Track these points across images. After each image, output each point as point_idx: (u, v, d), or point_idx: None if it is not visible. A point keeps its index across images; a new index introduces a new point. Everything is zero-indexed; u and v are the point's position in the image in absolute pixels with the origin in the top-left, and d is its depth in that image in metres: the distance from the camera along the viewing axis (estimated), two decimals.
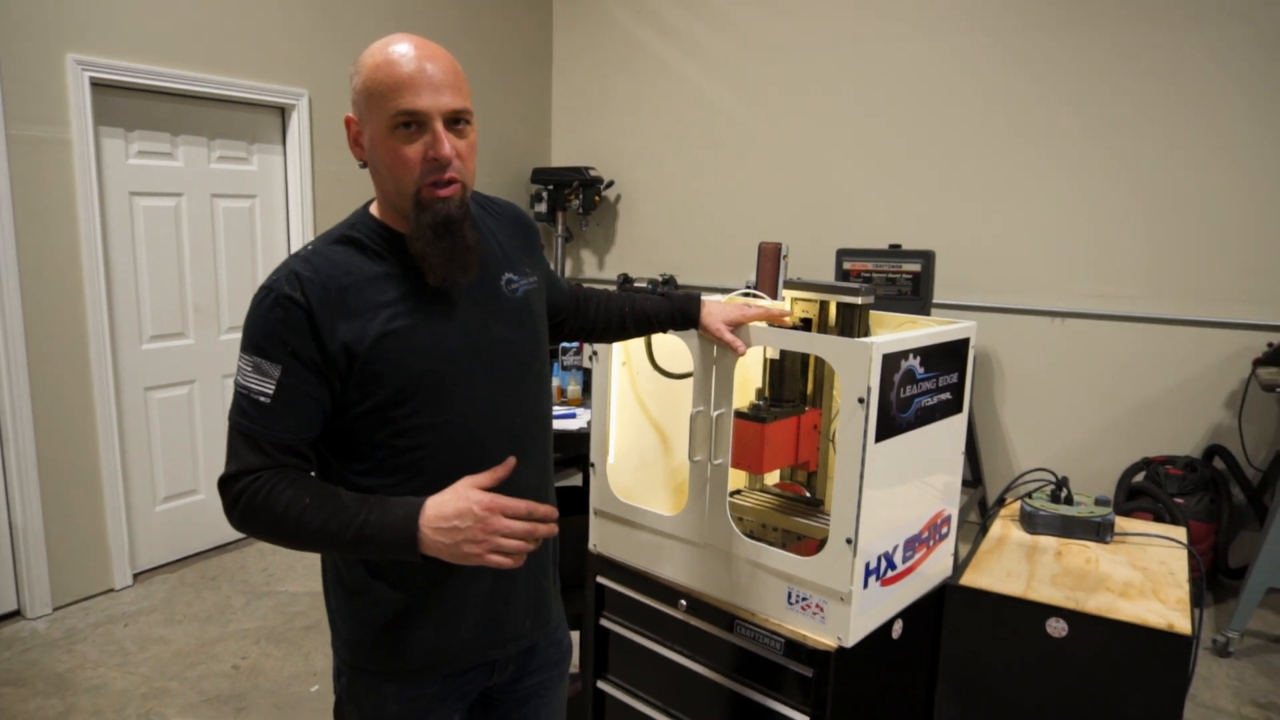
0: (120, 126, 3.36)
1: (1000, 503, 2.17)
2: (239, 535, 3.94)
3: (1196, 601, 1.69)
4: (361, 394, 1.14)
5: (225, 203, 3.75)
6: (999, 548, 1.89)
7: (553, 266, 5.28)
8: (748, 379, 1.83)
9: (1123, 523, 2.04)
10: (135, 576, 3.54)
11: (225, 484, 1.12)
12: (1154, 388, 3.81)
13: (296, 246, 3.98)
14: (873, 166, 4.38)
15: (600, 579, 1.83)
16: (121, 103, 3.34)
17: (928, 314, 3.70)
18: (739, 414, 1.62)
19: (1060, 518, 1.96)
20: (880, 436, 1.39)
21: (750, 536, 1.66)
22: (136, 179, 3.43)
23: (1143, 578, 1.75)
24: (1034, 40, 3.89)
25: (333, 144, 4.07)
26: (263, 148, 3.88)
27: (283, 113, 3.91)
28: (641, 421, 1.91)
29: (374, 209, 1.23)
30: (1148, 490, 3.53)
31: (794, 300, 1.81)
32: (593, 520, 1.83)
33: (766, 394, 1.74)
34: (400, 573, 1.21)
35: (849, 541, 1.38)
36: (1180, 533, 2.02)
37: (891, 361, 1.38)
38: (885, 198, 4.36)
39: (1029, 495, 2.05)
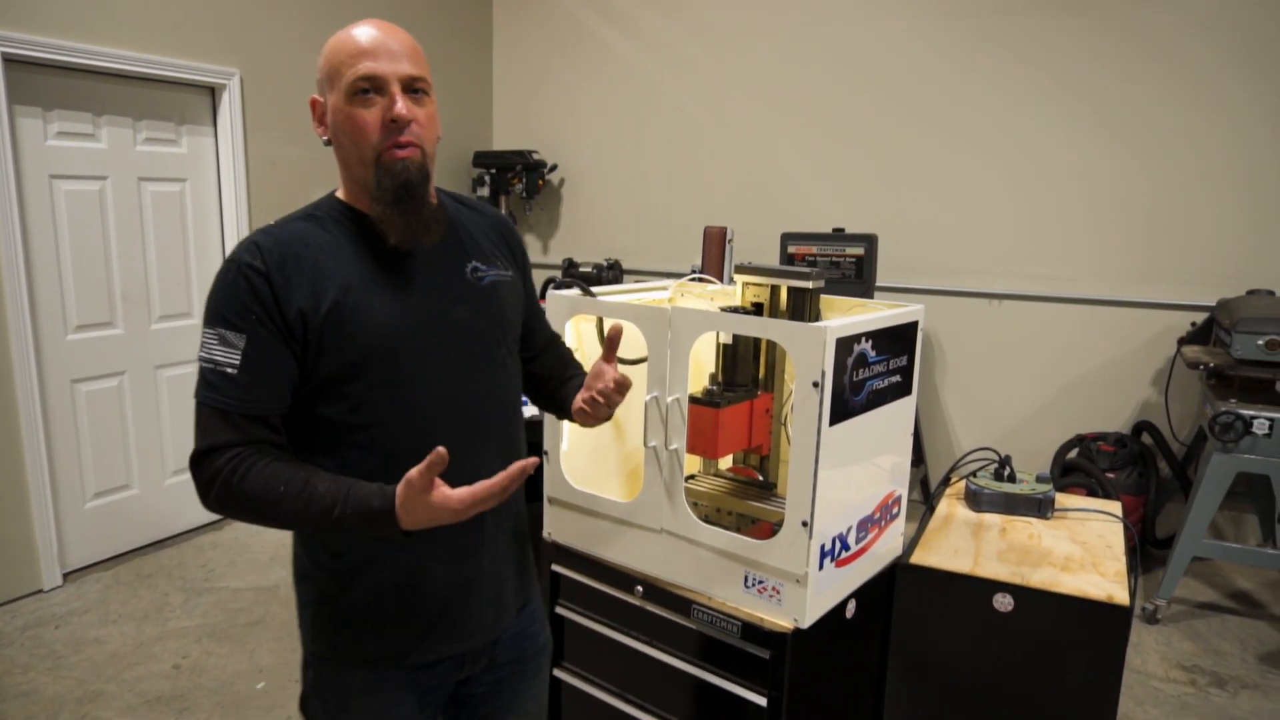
0: (38, 105, 3.19)
1: (946, 482, 2.21)
2: (175, 530, 3.82)
3: (1131, 572, 1.75)
4: (314, 365, 1.13)
5: (153, 186, 3.60)
6: (946, 526, 1.94)
7: None
8: (701, 364, 1.83)
9: (1062, 499, 2.10)
10: (65, 576, 3.40)
11: (199, 461, 1.10)
12: (1086, 367, 3.94)
13: (230, 231, 3.86)
14: (816, 150, 4.42)
15: (555, 567, 1.82)
16: (39, 80, 3.18)
17: (871, 297, 3.76)
18: (693, 399, 1.61)
19: (1004, 495, 2.01)
20: (834, 420, 1.40)
21: (705, 521, 1.66)
22: (57, 161, 3.27)
23: (1083, 551, 1.80)
24: (969, 25, 3.96)
25: (266, 125, 3.94)
26: (192, 129, 3.73)
27: (213, 93, 3.77)
28: None
29: (338, 193, 1.24)
30: (1081, 466, 3.65)
31: (745, 285, 1.81)
32: (547, 508, 1.81)
33: (720, 379, 1.75)
34: (364, 561, 1.20)
35: (805, 524, 1.39)
36: (1116, 507, 2.09)
37: (845, 345, 1.39)
38: (829, 182, 4.41)
39: (974, 474, 2.10)
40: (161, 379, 3.70)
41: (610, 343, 1.30)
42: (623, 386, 1.29)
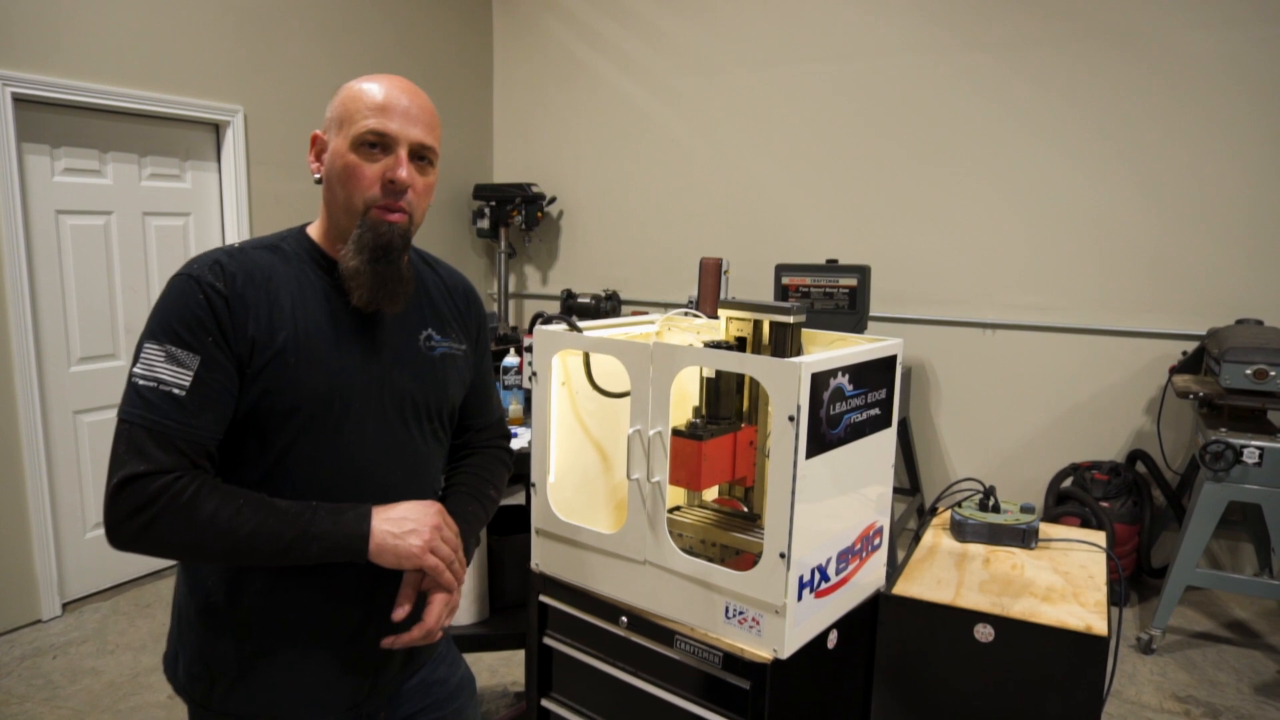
0: (46, 143, 3.27)
1: (932, 512, 2.24)
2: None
3: (1117, 602, 1.77)
4: (249, 402, 1.11)
5: (158, 221, 3.68)
6: (930, 556, 1.96)
7: (495, 285, 5.28)
8: (685, 397, 1.87)
9: (1047, 529, 2.12)
10: (64, 606, 3.43)
11: (131, 485, 1.02)
12: (1080, 396, 3.97)
13: None
14: (810, 182, 4.48)
15: (542, 597, 1.84)
16: (47, 118, 3.26)
17: (864, 327, 3.80)
18: (676, 432, 1.65)
19: (988, 525, 2.03)
20: (811, 453, 1.43)
21: (690, 552, 1.69)
22: (63, 197, 3.34)
23: (1064, 582, 1.82)
24: (960, 59, 4.04)
25: (269, 161, 4.02)
26: (196, 165, 3.81)
27: (217, 129, 3.86)
28: (582, 440, 1.93)
29: (310, 230, 1.23)
30: (1075, 495, 3.67)
31: (729, 319, 1.85)
32: (534, 539, 1.84)
33: (703, 411, 1.78)
34: (254, 609, 1.17)
35: (782, 556, 1.42)
36: (1100, 537, 2.10)
37: (821, 380, 1.43)
38: (822, 213, 4.46)
39: (959, 504, 2.12)
40: None
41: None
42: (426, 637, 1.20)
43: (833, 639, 1.63)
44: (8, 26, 3.06)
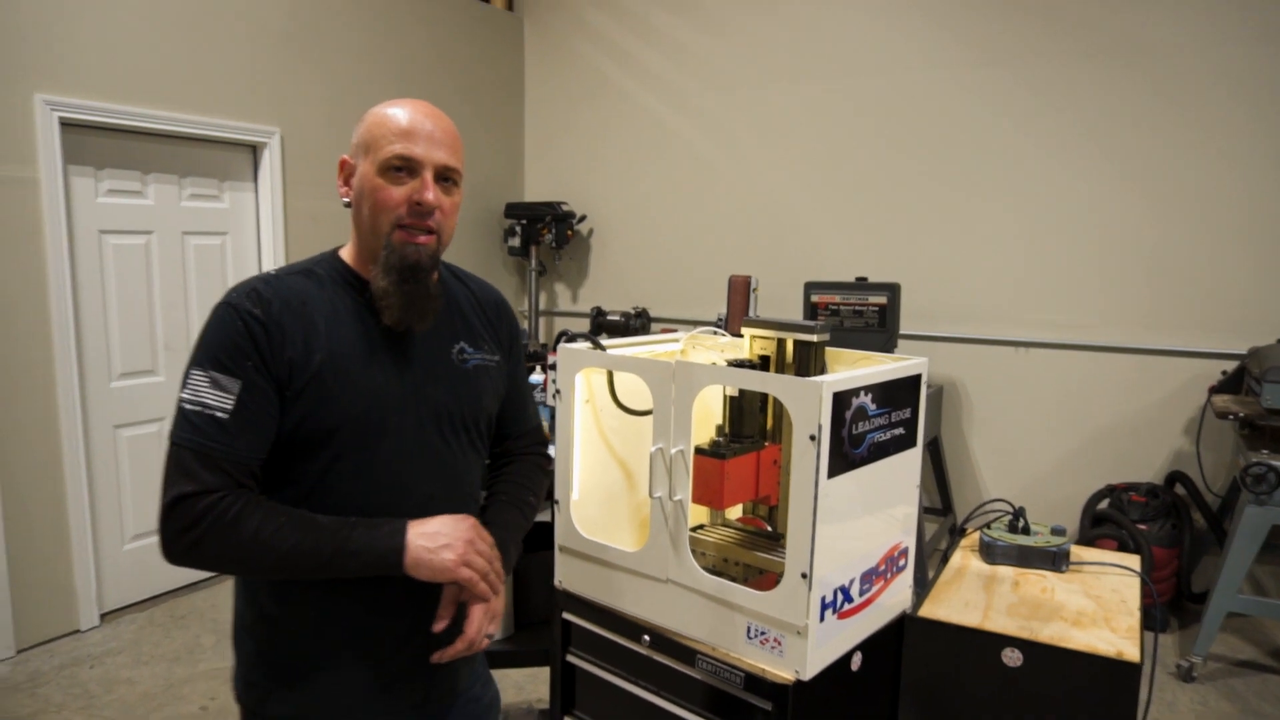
0: (90, 165, 3.37)
1: (961, 533, 2.21)
2: (209, 574, 3.90)
3: (1153, 628, 1.73)
4: (291, 422, 1.15)
5: (196, 240, 3.77)
6: (958, 578, 1.93)
7: (526, 303, 5.33)
8: (708, 415, 1.87)
9: (1078, 551, 2.08)
10: (102, 617, 3.49)
11: (181, 504, 1.07)
12: (1116, 415, 3.89)
13: None
14: (839, 200, 4.47)
15: (566, 615, 1.84)
16: (91, 142, 3.36)
17: (894, 345, 3.77)
18: (699, 450, 1.65)
19: (1017, 548, 2.00)
20: (833, 473, 1.43)
21: (713, 571, 1.68)
22: (106, 217, 3.44)
23: (1095, 606, 1.79)
24: (989, 75, 4.01)
25: (305, 181, 4.10)
26: (234, 185, 3.90)
27: (254, 151, 3.95)
28: (606, 458, 1.93)
29: (342, 252, 1.27)
30: (1112, 517, 3.59)
31: (753, 337, 1.85)
32: (557, 556, 1.84)
33: (726, 430, 1.78)
34: (307, 619, 1.21)
35: (804, 576, 1.41)
36: (1134, 560, 2.06)
37: (842, 399, 1.42)
38: (851, 231, 4.45)
39: (988, 525, 2.10)
40: None
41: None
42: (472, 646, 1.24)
43: (856, 661, 1.61)
44: (56, 54, 3.16)
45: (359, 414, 1.17)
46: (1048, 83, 3.89)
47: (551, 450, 1.64)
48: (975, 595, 1.83)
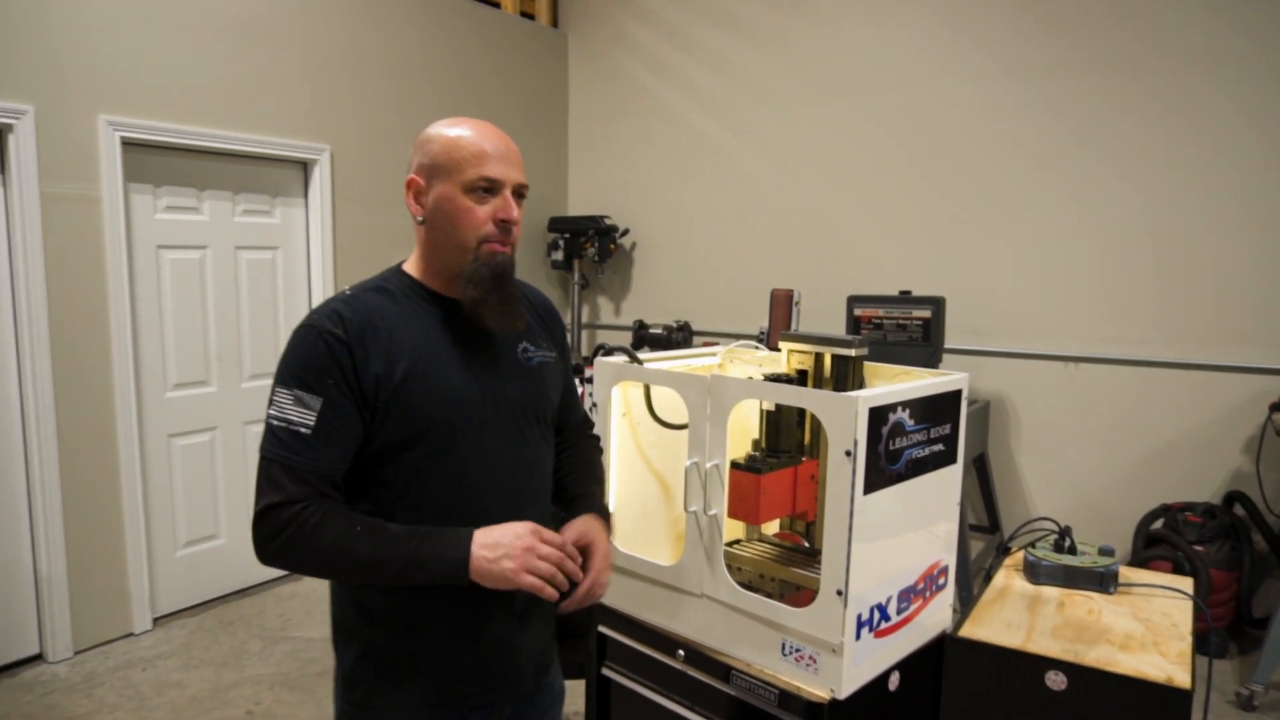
0: (149, 183, 3.49)
1: (1005, 552, 2.16)
2: (258, 580, 3.98)
3: (1206, 653, 1.67)
4: (380, 430, 1.22)
5: (248, 254, 3.87)
6: (1001, 598, 1.89)
7: (569, 316, 5.36)
8: (745, 430, 1.86)
9: (1128, 573, 2.03)
10: (155, 621, 3.59)
11: (269, 513, 1.17)
12: (1171, 433, 3.78)
13: (317, 294, 4.09)
14: (883, 212, 4.43)
15: (602, 628, 1.85)
16: (150, 160, 3.48)
17: (939, 360, 3.72)
18: (735, 465, 1.64)
19: (1063, 568, 1.95)
20: (869, 489, 1.41)
21: (748, 586, 1.67)
22: (164, 233, 3.55)
23: (1144, 629, 1.74)
24: (1040, 86, 3.95)
25: (353, 196, 4.19)
26: (285, 201, 4.00)
27: (305, 167, 4.05)
28: (642, 471, 1.94)
29: (407, 268, 1.34)
30: (1166, 538, 3.49)
31: (790, 351, 1.84)
32: None
33: (763, 444, 1.77)
34: (412, 617, 1.27)
35: (839, 593, 1.40)
36: (1187, 583, 2.00)
37: (879, 414, 1.41)
38: (895, 243, 4.40)
39: (1032, 545, 2.05)
40: (250, 434, 3.92)
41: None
42: (591, 598, 1.33)
43: (894, 681, 1.58)
44: (119, 76, 3.29)
45: (443, 417, 1.24)
46: (1100, 92, 3.82)
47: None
48: (1018, 616, 1.79)
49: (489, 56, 4.91)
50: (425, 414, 1.23)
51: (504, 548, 1.18)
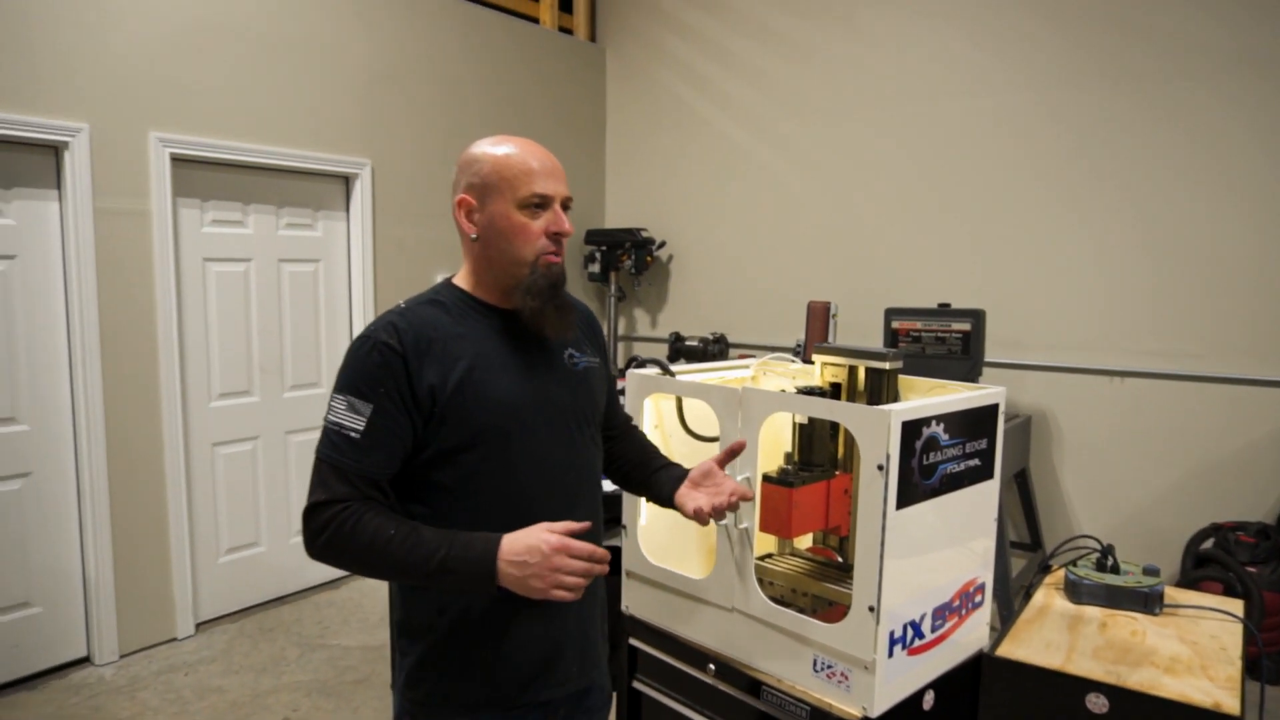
0: (197, 197, 3.58)
1: (1045, 570, 2.12)
2: (296, 588, 4.04)
3: (1258, 679, 1.62)
4: (436, 436, 1.27)
5: (291, 267, 3.94)
6: (1040, 617, 1.85)
7: (606, 328, 5.38)
8: (778, 443, 1.85)
9: (1174, 593, 1.97)
10: (197, 626, 3.65)
11: (314, 511, 1.23)
12: (1222, 449, 3.68)
13: (357, 305, 4.15)
14: (921, 224, 4.38)
15: (633, 641, 1.84)
16: (198, 175, 3.57)
17: (978, 374, 3.66)
18: (767, 478, 1.63)
19: (1105, 587, 1.90)
20: (902, 503, 1.39)
21: (780, 601, 1.66)
22: (210, 246, 3.64)
23: (1191, 653, 1.68)
24: (1083, 96, 3.88)
25: (393, 210, 4.26)
26: (327, 214, 4.08)
27: (346, 181, 4.12)
28: None
29: (458, 281, 1.39)
30: (1217, 558, 3.38)
31: (824, 364, 1.83)
32: (625, 582, 1.85)
33: (796, 458, 1.76)
34: (465, 617, 1.31)
35: (871, 609, 1.38)
36: (1238, 606, 1.94)
37: (912, 428, 1.39)
38: (934, 255, 4.35)
39: (1073, 563, 2.00)
40: (291, 444, 3.98)
41: (730, 454, 1.43)
42: (744, 498, 1.39)
43: (929, 700, 1.56)
44: (168, 94, 3.38)
45: (496, 422, 1.29)
46: (1146, 102, 3.74)
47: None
48: (1058, 636, 1.75)
49: (528, 71, 4.97)
50: (479, 420, 1.28)
51: (531, 567, 1.19)
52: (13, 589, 3.14)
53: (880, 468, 1.35)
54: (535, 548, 1.19)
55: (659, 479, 1.51)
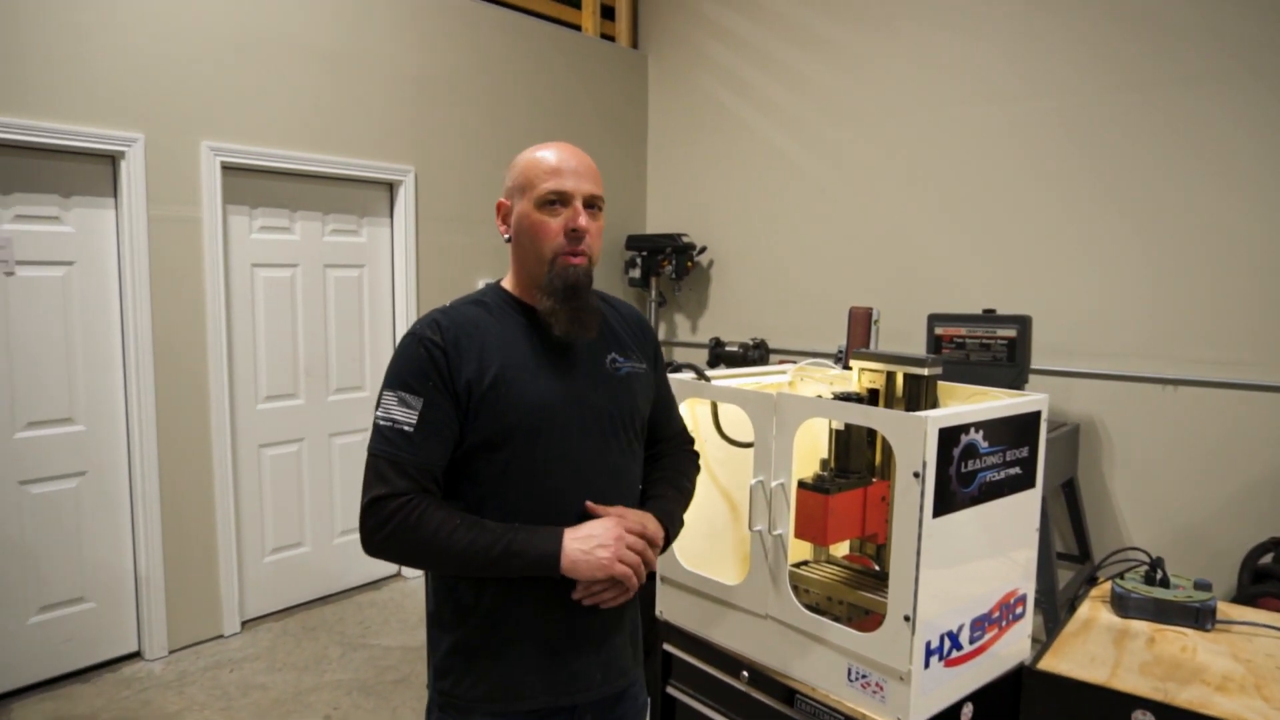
0: (245, 204, 3.66)
1: (1091, 582, 2.06)
2: (339, 588, 4.10)
3: None
4: (471, 431, 1.30)
5: (336, 272, 4.02)
6: (1085, 631, 1.80)
7: None
8: (814, 449, 1.83)
9: (1227, 609, 1.91)
10: (243, 624, 3.73)
11: (374, 506, 1.26)
12: None
13: (401, 310, 4.21)
14: (966, 228, 4.31)
15: (667, 646, 1.84)
16: (247, 183, 3.65)
17: (1025, 381, 3.58)
18: (802, 484, 1.61)
19: (1154, 601, 1.85)
20: (939, 512, 1.37)
21: (815, 609, 1.64)
22: (258, 252, 3.72)
23: (1245, 671, 1.63)
24: (1131, 99, 3.79)
25: (436, 216, 4.31)
26: (372, 221, 4.15)
27: (391, 188, 4.19)
28: (710, 489, 1.93)
29: (504, 283, 1.43)
30: (1276, 573, 3.27)
31: (861, 370, 1.81)
32: (659, 586, 1.84)
33: (832, 464, 1.74)
34: (493, 612, 1.33)
35: (907, 619, 1.36)
36: None
37: (950, 435, 1.37)
38: (978, 260, 4.28)
39: (1120, 576, 1.95)
40: (335, 446, 4.05)
41: None
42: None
43: (967, 713, 1.52)
44: (219, 104, 3.47)
45: (527, 420, 1.31)
46: (1195, 106, 3.64)
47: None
48: (1103, 650, 1.70)
49: (569, 78, 5.00)
50: (510, 417, 1.30)
51: (597, 538, 1.26)
52: (69, 584, 3.24)
53: (916, 475, 1.33)
54: (597, 524, 1.27)
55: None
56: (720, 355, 5.02)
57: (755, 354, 4.95)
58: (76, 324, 3.22)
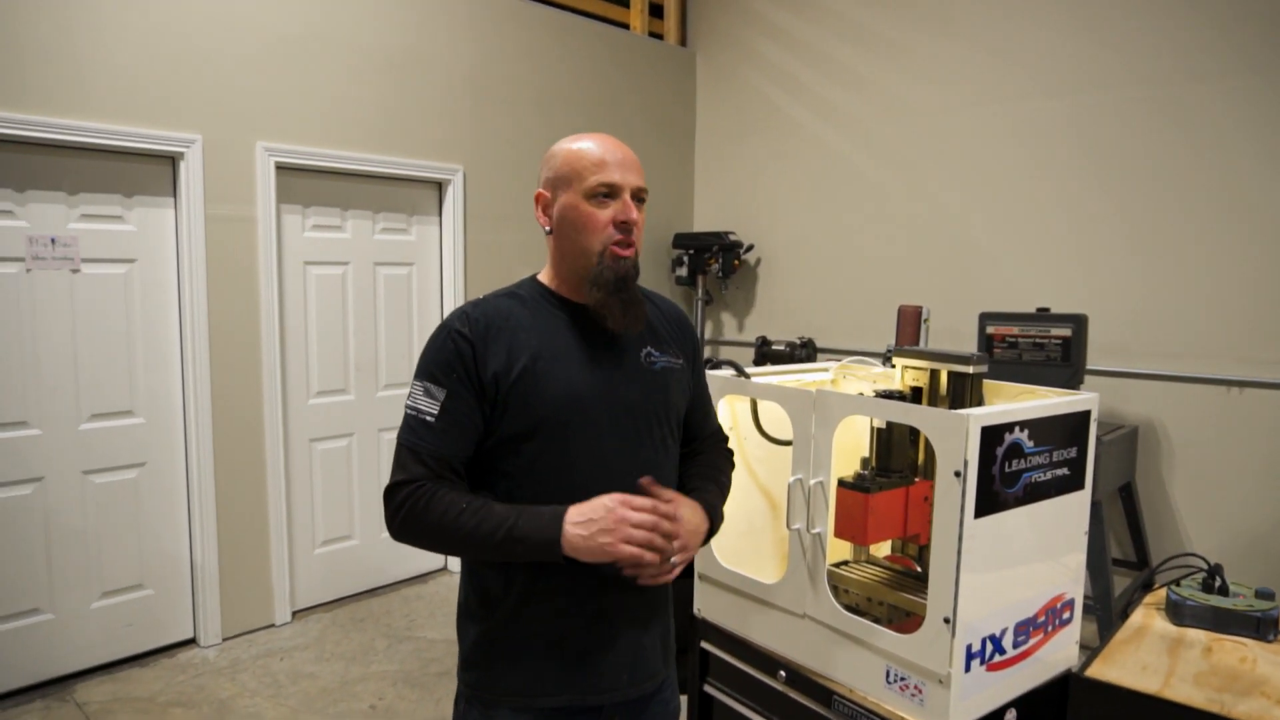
0: (299, 203, 3.75)
1: (1146, 588, 2.00)
2: (386, 581, 4.17)
3: None
4: (500, 423, 1.30)
5: (386, 270, 4.08)
6: (1137, 638, 1.74)
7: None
8: (855, 448, 1.80)
9: None
10: (294, 614, 3.81)
11: (391, 492, 1.28)
12: None
13: (449, 308, 4.26)
14: (1018, 226, 4.21)
15: (704, 644, 1.83)
16: (300, 182, 3.73)
17: (1080, 381, 3.49)
18: (843, 483, 1.59)
19: (1212, 609, 1.78)
20: (982, 512, 1.34)
21: (854, 610, 1.62)
22: (310, 250, 3.80)
23: None
24: (1186, 90, 3.66)
25: (484, 215, 4.36)
26: (421, 219, 4.21)
27: (439, 187, 4.24)
28: (750, 486, 1.91)
29: (540, 277, 1.42)
30: None
31: (904, 368, 1.78)
32: (697, 584, 1.83)
33: (873, 463, 1.71)
34: (520, 604, 1.33)
35: (947, 621, 1.33)
36: None
37: (993, 434, 1.34)
38: (1032, 258, 4.17)
39: (1176, 582, 1.88)
40: (383, 441, 4.12)
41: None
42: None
43: (1010, 719, 1.49)
44: (273, 106, 3.56)
45: (556, 413, 1.30)
46: (1248, 99, 3.50)
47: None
48: (1156, 659, 1.64)
49: (618, 77, 5.01)
50: (539, 410, 1.29)
51: (597, 522, 1.22)
52: (129, 571, 3.34)
53: (958, 474, 1.30)
54: (598, 505, 1.23)
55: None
56: (766, 354, 4.99)
57: (802, 353, 4.90)
58: (137, 320, 3.32)
